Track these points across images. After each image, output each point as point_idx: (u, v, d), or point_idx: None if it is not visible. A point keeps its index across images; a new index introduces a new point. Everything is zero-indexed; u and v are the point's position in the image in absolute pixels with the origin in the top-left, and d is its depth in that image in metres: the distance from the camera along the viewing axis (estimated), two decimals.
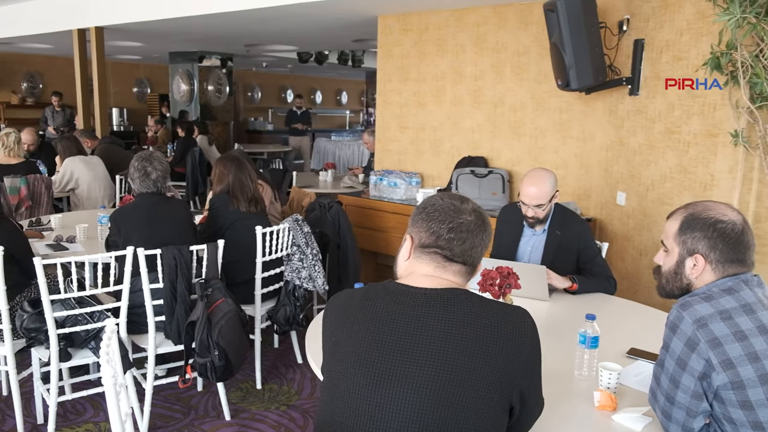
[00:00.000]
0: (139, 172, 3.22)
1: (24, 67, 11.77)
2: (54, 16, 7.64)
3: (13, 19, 8.31)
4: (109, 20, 6.98)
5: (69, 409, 3.21)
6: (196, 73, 10.75)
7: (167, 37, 8.60)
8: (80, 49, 7.54)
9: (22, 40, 9.32)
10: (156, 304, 2.89)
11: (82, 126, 7.76)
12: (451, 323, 1.34)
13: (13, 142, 5.08)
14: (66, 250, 3.49)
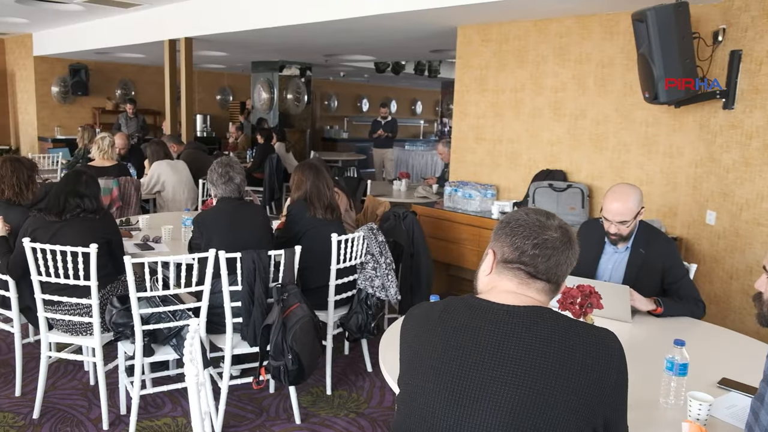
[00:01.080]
0: (223, 177, 3.34)
1: (118, 75, 12.49)
2: (147, 28, 8.08)
3: (111, 31, 8.85)
4: (198, 31, 7.30)
5: (149, 402, 3.34)
6: (276, 81, 11.07)
7: (251, 47, 8.91)
8: (170, 58, 7.93)
9: (118, 50, 9.90)
10: (234, 305, 2.97)
11: (168, 131, 8.13)
12: (535, 343, 1.30)
13: (107, 145, 5.39)
14: (152, 249, 3.65)
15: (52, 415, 3.22)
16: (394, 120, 11.26)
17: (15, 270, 3.15)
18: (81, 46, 9.74)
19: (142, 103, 12.31)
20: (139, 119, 10.52)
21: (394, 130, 11.17)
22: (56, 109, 11.72)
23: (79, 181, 3.19)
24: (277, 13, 6.25)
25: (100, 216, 3.22)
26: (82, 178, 3.21)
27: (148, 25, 8.05)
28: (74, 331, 3.11)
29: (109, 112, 12.18)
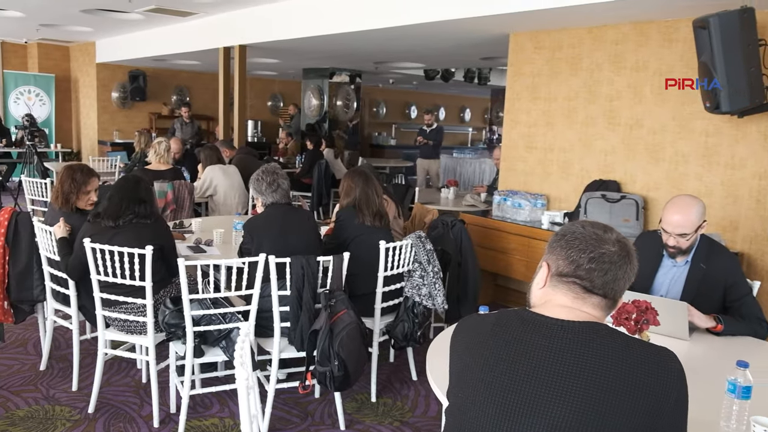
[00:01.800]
0: (272, 186, 3.38)
1: (174, 81, 12.88)
2: (203, 36, 8.30)
3: (169, 39, 9.14)
4: (252, 39, 7.46)
5: (198, 402, 3.41)
6: (326, 88, 11.19)
7: (302, 54, 9.04)
8: (224, 65, 8.12)
9: (174, 57, 10.22)
10: (282, 310, 3.00)
11: (221, 137, 8.32)
12: (591, 359, 1.26)
13: (163, 149, 5.55)
14: (204, 252, 3.73)
15: (106, 410, 3.32)
16: (439, 128, 10.45)
17: (74, 271, 3.27)
18: (140, 53, 10.09)
19: (196, 109, 12.64)
20: (194, 125, 10.52)
21: (438, 139, 10.33)
22: (115, 113, 12.16)
23: (139, 186, 3.29)
24: (329, 21, 6.33)
25: (152, 221, 3.29)
26: (141, 184, 3.31)
27: (203, 33, 8.28)
28: (129, 330, 3.21)
29: (165, 117, 12.57)
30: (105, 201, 3.28)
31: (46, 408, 3.32)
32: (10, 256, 3.69)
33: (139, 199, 3.24)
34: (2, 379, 3.63)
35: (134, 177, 3.41)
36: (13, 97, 11.74)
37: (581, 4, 4.13)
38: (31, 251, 3.67)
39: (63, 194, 3.57)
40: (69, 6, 7.59)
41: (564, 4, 4.23)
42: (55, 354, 3.96)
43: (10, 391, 3.50)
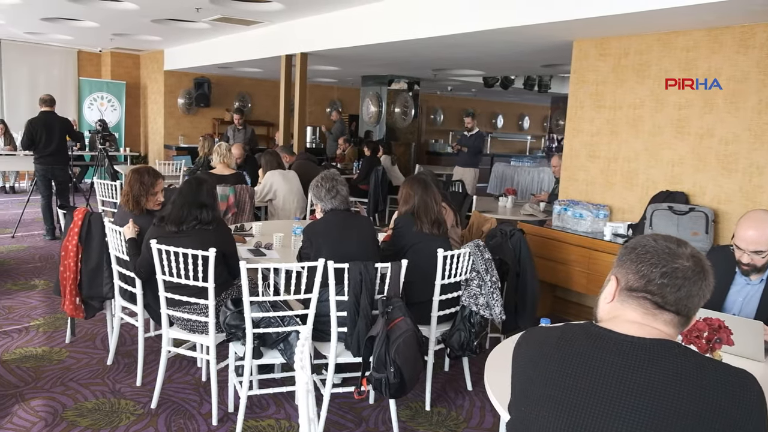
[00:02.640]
0: (331, 192, 3.41)
1: (237, 88, 13.23)
2: (266, 44, 8.50)
3: (233, 47, 9.40)
4: (314, 47, 7.59)
5: (255, 402, 3.46)
6: (384, 95, 11.26)
7: (361, 62, 9.13)
8: (286, 72, 8.28)
9: (238, 65, 10.50)
10: (340, 315, 3.02)
11: (281, 143, 8.48)
12: (662, 378, 1.21)
13: (225, 150, 5.70)
14: (264, 256, 3.80)
15: (168, 406, 3.42)
16: (478, 134, 9.42)
17: (142, 271, 3.39)
18: (205, 61, 10.41)
19: (258, 115, 12.96)
20: (248, 131, 10.34)
21: (476, 145, 9.30)
22: (181, 119, 12.59)
23: (201, 191, 3.35)
24: (389, 29, 6.36)
25: (214, 227, 3.36)
26: (203, 188, 3.37)
27: (266, 41, 8.47)
28: (191, 329, 3.30)
29: (227, 123, 12.90)
30: (169, 205, 3.37)
31: (111, 401, 3.45)
32: (83, 254, 3.87)
33: (201, 204, 3.30)
34: (72, 372, 3.80)
35: (197, 180, 3.44)
36: (88, 103, 12.33)
37: (652, 9, 4.01)
38: (101, 250, 3.83)
39: (133, 197, 3.71)
40: (141, 16, 7.92)
41: (634, 10, 4.11)
42: (121, 350, 4.11)
43: (79, 383, 3.65)
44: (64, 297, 3.94)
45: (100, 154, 8.19)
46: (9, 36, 11.14)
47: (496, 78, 10.68)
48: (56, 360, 3.97)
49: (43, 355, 4.04)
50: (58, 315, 4.75)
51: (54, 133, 7.06)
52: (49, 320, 4.68)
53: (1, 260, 6.33)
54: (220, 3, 6.78)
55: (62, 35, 10.54)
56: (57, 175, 7.25)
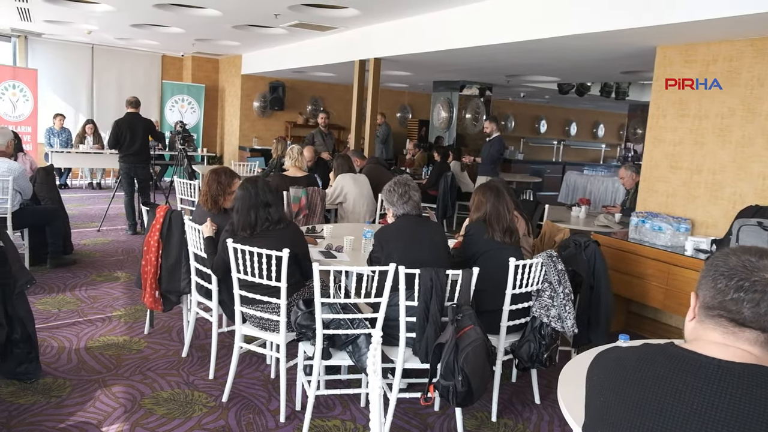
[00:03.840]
0: (403, 197, 3.42)
1: (310, 92, 13.51)
2: (340, 49, 8.64)
3: (308, 52, 9.60)
4: (387, 52, 7.65)
5: (321, 402, 3.51)
6: (455, 101, 11.21)
7: (434, 67, 9.13)
8: (359, 77, 8.39)
9: (312, 69, 10.72)
10: (409, 320, 3.01)
11: (352, 147, 8.59)
12: (754, 409, 1.13)
13: (297, 153, 5.83)
14: (334, 258, 3.85)
15: (238, 400, 3.51)
16: (497, 139, 8.34)
17: (218, 270, 3.51)
18: (281, 65, 10.69)
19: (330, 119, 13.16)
20: (332, 136, 10.18)
21: (492, 153, 8.34)
22: (255, 121, 12.97)
23: (259, 189, 3.36)
24: (464, 35, 6.33)
25: (284, 226, 3.42)
26: (260, 186, 3.37)
27: (341, 46, 8.61)
28: (263, 327, 3.38)
29: (300, 126, 13.22)
30: (234, 215, 3.39)
31: (185, 392, 3.58)
32: (163, 250, 4.04)
33: (266, 203, 3.34)
34: (150, 362, 3.97)
35: (252, 182, 3.42)
36: (169, 105, 12.90)
37: (745, 14, 3.81)
38: (180, 247, 3.99)
39: (211, 196, 3.84)
40: (223, 22, 8.22)
41: (724, 15, 3.92)
42: (195, 343, 4.26)
43: (156, 373, 3.81)
44: (144, 290, 4.13)
45: (180, 154, 8.54)
46: (101, 41, 11.82)
47: (572, 85, 10.42)
48: (135, 349, 4.16)
49: (123, 344, 4.25)
50: (138, 306, 4.98)
51: (137, 133, 7.42)
52: (130, 311, 4.91)
53: (87, 252, 6.70)
54: (298, 9, 6.94)
55: (149, 40, 11.09)
56: (139, 174, 7.61)
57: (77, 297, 5.18)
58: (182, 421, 3.25)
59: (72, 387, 3.56)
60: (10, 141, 5.73)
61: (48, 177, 6.36)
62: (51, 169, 6.72)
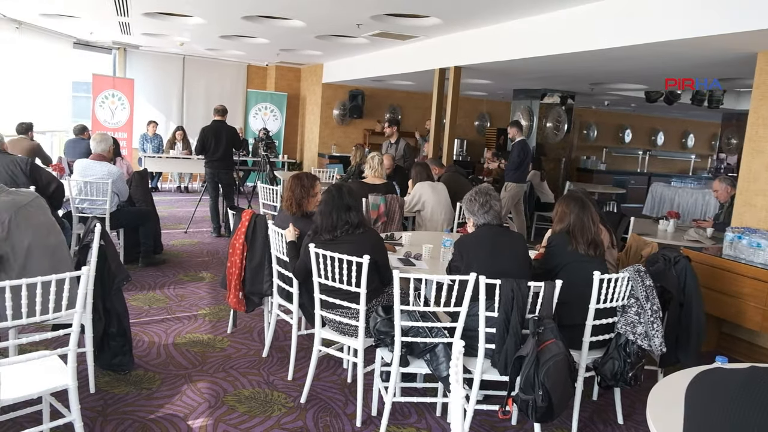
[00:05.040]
0: (484, 207, 3.39)
1: (388, 100, 13.64)
2: (420, 58, 8.67)
3: (388, 61, 9.70)
4: (468, 60, 7.61)
5: (396, 409, 3.52)
6: (536, 109, 11.00)
7: (515, 75, 9.00)
8: (439, 86, 8.39)
9: (391, 78, 10.81)
10: (488, 331, 2.98)
11: (430, 155, 8.59)
12: None
13: (377, 163, 5.89)
14: (413, 265, 3.86)
15: (316, 402, 3.58)
16: (520, 143, 8.12)
17: (299, 274, 3.60)
18: (361, 74, 10.85)
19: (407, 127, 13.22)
20: (400, 144, 9.45)
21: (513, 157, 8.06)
22: (335, 129, 13.22)
23: (343, 194, 3.47)
24: (548, 42, 6.21)
25: (363, 231, 3.48)
26: (343, 191, 3.49)
27: (421, 55, 8.65)
28: (342, 332, 3.43)
29: (378, 134, 13.35)
30: (317, 217, 3.50)
31: (266, 392, 3.69)
32: (248, 253, 4.18)
33: (348, 207, 3.43)
34: (233, 360, 4.12)
35: (337, 187, 3.54)
36: (253, 113, 13.37)
37: None
38: (264, 250, 4.12)
39: (295, 200, 3.96)
40: (307, 33, 8.45)
41: None
42: (275, 344, 4.38)
43: (238, 371, 3.95)
44: (228, 291, 4.29)
45: (263, 160, 8.83)
46: (192, 52, 12.43)
47: (660, 92, 9.99)
48: (219, 348, 4.32)
49: (208, 341, 4.42)
50: (221, 306, 5.18)
51: (222, 140, 7.73)
52: (214, 310, 5.11)
53: (175, 253, 7.03)
54: (380, 19, 7.04)
55: (236, 51, 11.55)
56: (222, 179, 7.92)
57: (166, 295, 5.44)
58: (262, 419, 3.35)
59: (161, 380, 3.74)
60: (110, 146, 6.12)
61: (142, 180, 6.74)
62: (145, 173, 7.12)
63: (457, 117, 8.38)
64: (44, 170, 5.72)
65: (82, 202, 5.83)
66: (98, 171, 5.82)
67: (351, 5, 6.37)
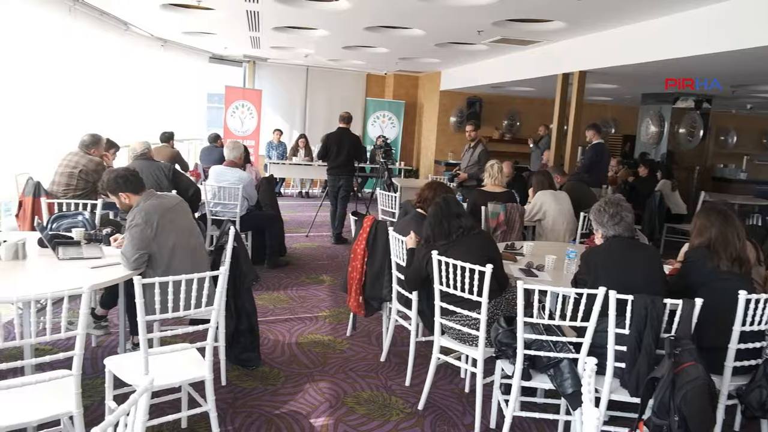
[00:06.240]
0: (615, 218, 3.22)
1: (507, 107, 13.41)
2: (543, 63, 8.44)
3: (507, 67, 9.54)
4: (593, 64, 7.30)
5: (516, 424, 3.43)
6: (667, 114, 10.33)
7: (644, 79, 8.51)
8: (562, 91, 8.12)
9: (511, 84, 10.61)
10: (618, 349, 2.83)
11: (551, 163, 8.34)
12: None
13: (497, 171, 5.79)
14: (535, 277, 3.75)
15: (433, 410, 3.58)
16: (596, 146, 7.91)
17: (411, 281, 3.64)
18: (479, 81, 10.75)
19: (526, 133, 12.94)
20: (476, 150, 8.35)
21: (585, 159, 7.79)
22: (451, 136, 13.19)
23: (449, 205, 3.56)
24: (683, 43, 5.81)
25: (477, 232, 3.54)
26: (450, 201, 3.60)
27: (543, 60, 8.41)
28: (461, 340, 3.41)
29: (496, 141, 13.19)
30: (427, 229, 3.59)
31: (384, 395, 3.74)
32: (368, 258, 4.27)
33: (456, 214, 3.52)
34: (352, 363, 4.22)
35: (443, 199, 3.65)
36: (371, 120, 13.68)
37: None
38: (384, 256, 4.19)
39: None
40: (427, 41, 8.51)
41: None
42: (393, 349, 4.43)
43: (357, 374, 4.03)
44: (349, 294, 4.41)
45: (381, 167, 8.99)
46: (315, 63, 12.96)
47: None
48: (339, 350, 4.44)
49: (328, 343, 4.56)
50: (341, 309, 5.32)
51: (343, 147, 7.95)
52: (334, 313, 5.27)
53: (297, 256, 7.33)
54: (502, 25, 6.94)
55: (356, 60, 11.88)
56: (343, 185, 8.15)
57: (289, 296, 5.68)
58: (381, 423, 3.39)
59: (285, 378, 3.90)
60: (241, 154, 6.51)
61: (269, 186, 7.10)
62: (272, 179, 7.51)
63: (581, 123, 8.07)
64: (184, 175, 6.20)
65: (215, 206, 6.25)
66: (231, 177, 6.21)
67: (474, 12, 6.33)
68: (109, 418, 1.40)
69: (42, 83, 6.16)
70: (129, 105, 8.74)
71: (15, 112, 5.74)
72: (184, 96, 11.40)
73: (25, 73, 5.85)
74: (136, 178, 3.55)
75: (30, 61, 5.93)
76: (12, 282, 3.03)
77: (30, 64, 5.93)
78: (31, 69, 5.95)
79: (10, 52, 5.60)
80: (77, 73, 6.90)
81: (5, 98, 5.57)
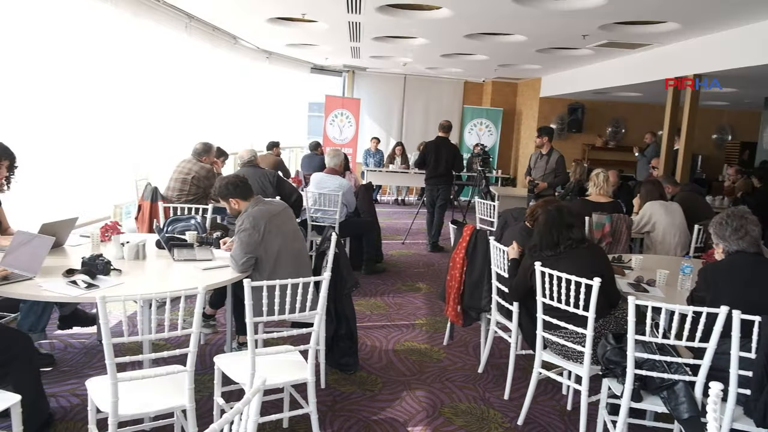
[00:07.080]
0: (737, 232, 2.98)
1: (611, 113, 12.86)
2: (651, 67, 8.03)
3: (612, 72, 9.15)
4: (710, 67, 6.85)
5: None
6: None
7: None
8: (673, 97, 7.68)
9: (615, 90, 10.17)
10: (741, 374, 2.61)
11: (661, 171, 7.90)
12: None
13: (602, 180, 5.55)
14: (646, 292, 3.55)
15: (533, 427, 3.47)
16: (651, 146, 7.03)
17: (515, 292, 3.55)
18: (581, 87, 10.39)
19: (631, 141, 12.35)
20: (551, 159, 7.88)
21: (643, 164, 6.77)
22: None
23: (562, 214, 3.41)
24: None
25: (587, 245, 3.38)
26: (563, 211, 3.44)
27: (651, 63, 8.00)
28: (565, 356, 3.28)
29: (598, 149, 12.68)
30: (536, 236, 3.48)
31: (482, 408, 3.66)
32: (467, 267, 4.22)
33: (568, 225, 3.38)
34: (449, 372, 4.17)
35: (557, 208, 3.51)
36: (468, 128, 13.57)
37: None
38: (484, 265, 4.12)
39: None
40: (528, 47, 8.34)
41: None
42: (491, 361, 4.34)
43: (454, 384, 3.99)
44: (447, 303, 4.37)
45: (479, 175, 8.88)
46: (413, 71, 13.05)
47: None
48: (435, 358, 4.41)
49: (424, 351, 4.54)
50: (437, 318, 5.29)
51: (441, 157, 7.92)
52: (430, 321, 5.24)
53: (393, 263, 7.38)
54: (609, 28, 6.67)
55: (454, 68, 11.85)
56: (440, 194, 8.12)
57: (385, 302, 5.72)
58: None
59: (382, 384, 3.92)
60: (341, 161, 6.65)
61: (367, 193, 7.20)
62: (370, 186, 7.60)
63: None
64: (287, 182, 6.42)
65: (316, 212, 6.41)
66: (331, 184, 6.36)
67: (581, 16, 6.13)
68: (226, 416, 1.46)
69: (160, 95, 6.61)
70: (237, 115, 9.20)
71: (136, 123, 6.20)
72: (287, 105, 11.85)
73: (147, 87, 6.30)
74: (245, 185, 3.71)
75: (152, 76, 6.39)
76: (134, 280, 3.25)
77: (152, 79, 6.39)
78: (152, 83, 6.40)
79: (135, 68, 6.05)
80: (191, 86, 7.35)
81: (128, 109, 6.03)
